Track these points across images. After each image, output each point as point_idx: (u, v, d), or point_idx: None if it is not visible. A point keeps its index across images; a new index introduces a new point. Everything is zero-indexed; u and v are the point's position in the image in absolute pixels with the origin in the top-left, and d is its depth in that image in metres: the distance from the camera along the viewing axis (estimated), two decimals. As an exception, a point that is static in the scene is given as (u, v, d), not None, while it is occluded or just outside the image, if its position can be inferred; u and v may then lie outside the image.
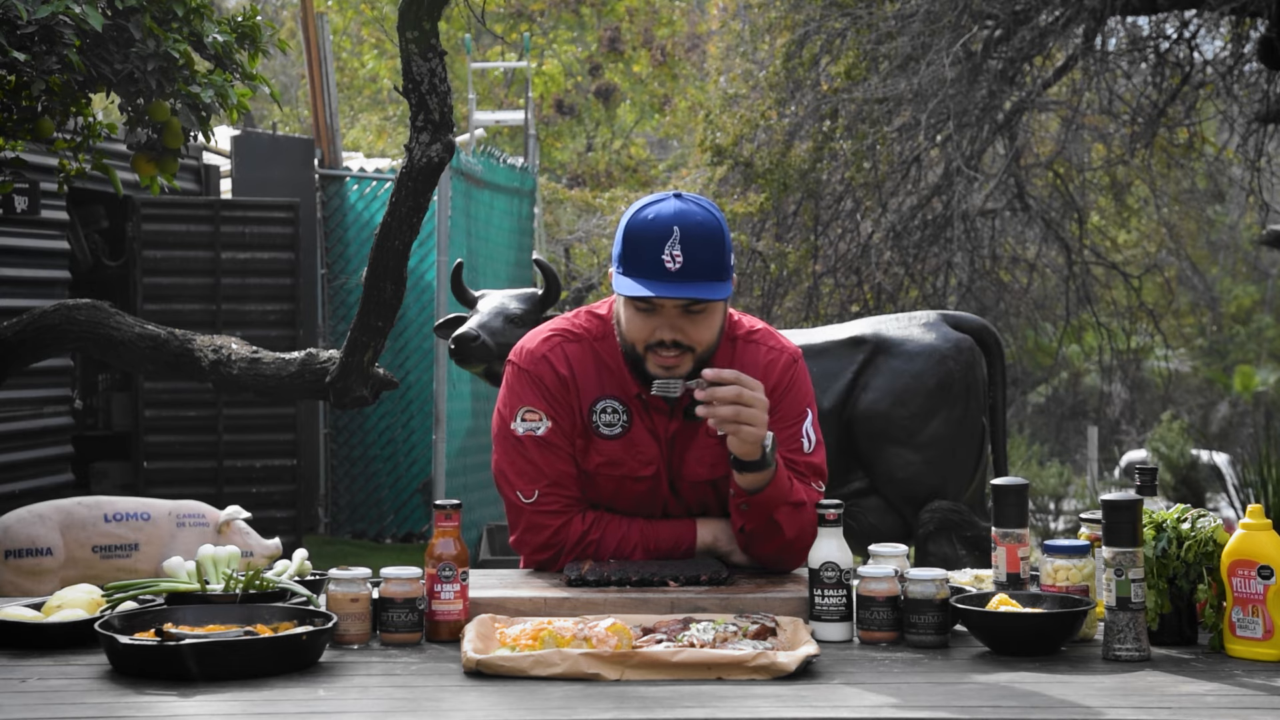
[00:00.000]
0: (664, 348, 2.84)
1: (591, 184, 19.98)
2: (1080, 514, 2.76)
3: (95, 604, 2.57)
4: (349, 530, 10.80)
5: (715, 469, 2.94)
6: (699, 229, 2.79)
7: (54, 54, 4.44)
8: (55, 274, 8.68)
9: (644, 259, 2.79)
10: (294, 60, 20.99)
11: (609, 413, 2.94)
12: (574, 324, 3.02)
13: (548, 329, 3.03)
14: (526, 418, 2.94)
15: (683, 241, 2.78)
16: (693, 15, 21.16)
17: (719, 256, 2.80)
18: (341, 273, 10.69)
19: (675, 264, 2.77)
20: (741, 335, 3.00)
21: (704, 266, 2.78)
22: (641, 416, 2.94)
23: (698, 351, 2.86)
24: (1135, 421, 19.24)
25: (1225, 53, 10.45)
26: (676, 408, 2.93)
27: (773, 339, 3.03)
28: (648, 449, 2.94)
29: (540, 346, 2.98)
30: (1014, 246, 11.96)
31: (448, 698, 2.18)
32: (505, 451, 2.97)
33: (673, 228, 2.78)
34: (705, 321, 2.85)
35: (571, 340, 2.98)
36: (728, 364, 2.95)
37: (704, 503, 2.98)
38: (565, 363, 2.95)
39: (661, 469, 2.94)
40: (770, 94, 11.37)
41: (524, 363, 2.98)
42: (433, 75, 4.39)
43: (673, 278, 2.77)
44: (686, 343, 2.84)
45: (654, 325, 2.84)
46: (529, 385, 2.95)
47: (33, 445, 8.63)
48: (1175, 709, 2.12)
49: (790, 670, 2.25)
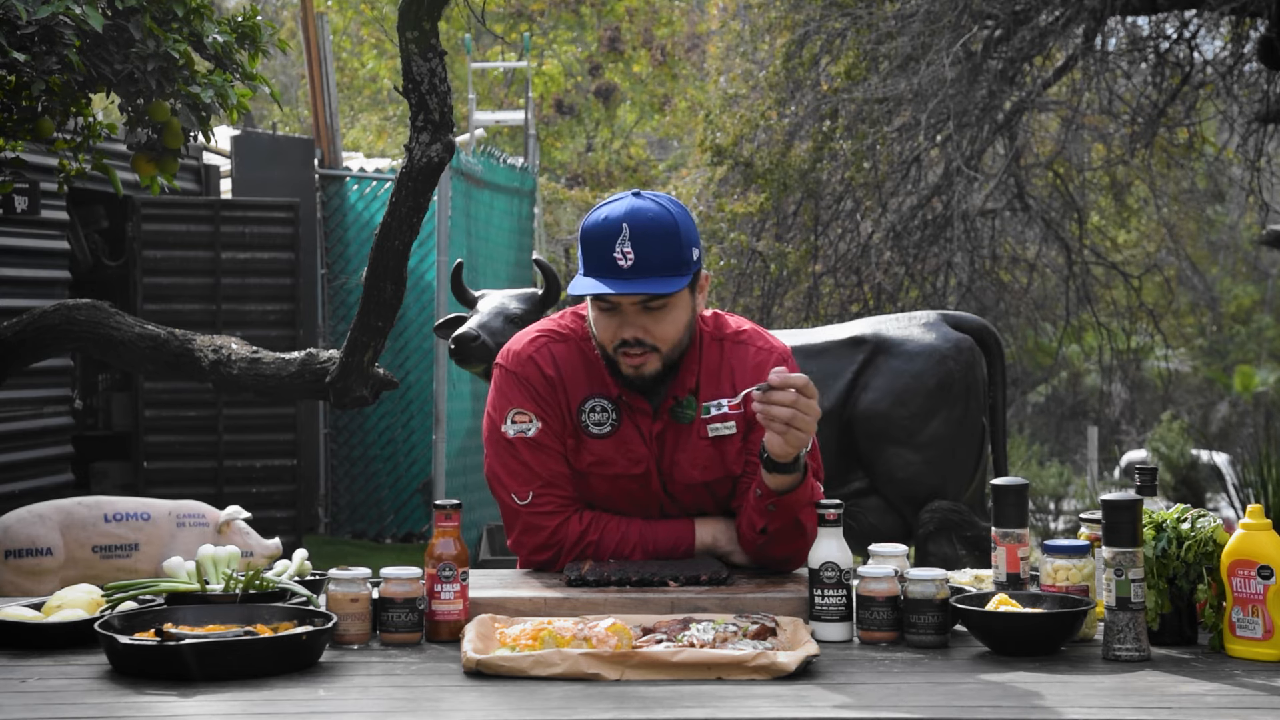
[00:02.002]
0: (628, 346, 2.85)
1: (591, 184, 19.99)
2: (1080, 514, 2.76)
3: (95, 604, 2.57)
4: (349, 530, 10.80)
5: (708, 471, 2.94)
6: (650, 225, 2.79)
7: (54, 54, 4.44)
8: (55, 274, 8.68)
9: (597, 258, 2.80)
10: (294, 60, 20.99)
11: (598, 411, 2.94)
12: (559, 324, 3.02)
13: (534, 330, 3.04)
14: (516, 419, 2.94)
15: (633, 238, 2.78)
16: (693, 15, 21.16)
17: (672, 251, 2.80)
18: (341, 273, 10.70)
19: (627, 261, 2.77)
20: (729, 335, 3.00)
21: (656, 262, 2.78)
22: (628, 416, 2.95)
23: (663, 350, 2.86)
24: (1135, 421, 19.24)
25: (1225, 53, 10.45)
26: (660, 409, 2.94)
27: (761, 339, 3.02)
28: (637, 448, 2.93)
29: (526, 348, 2.99)
30: (1014, 246, 11.96)
31: (448, 698, 2.18)
32: (497, 454, 2.96)
33: (622, 225, 2.78)
34: (667, 318, 2.84)
35: (558, 340, 2.98)
36: (715, 365, 2.96)
37: (700, 506, 2.98)
38: (552, 363, 2.95)
39: (652, 468, 2.94)
40: (770, 94, 11.38)
41: (511, 364, 2.98)
42: (433, 75, 4.39)
43: (625, 275, 2.78)
44: (649, 341, 2.84)
45: (616, 325, 2.85)
46: (517, 387, 2.95)
47: (33, 445, 8.63)
48: (1175, 709, 2.12)
49: (790, 670, 2.25)
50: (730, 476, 2.96)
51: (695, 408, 2.94)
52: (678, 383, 2.94)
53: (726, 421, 2.94)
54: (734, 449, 2.95)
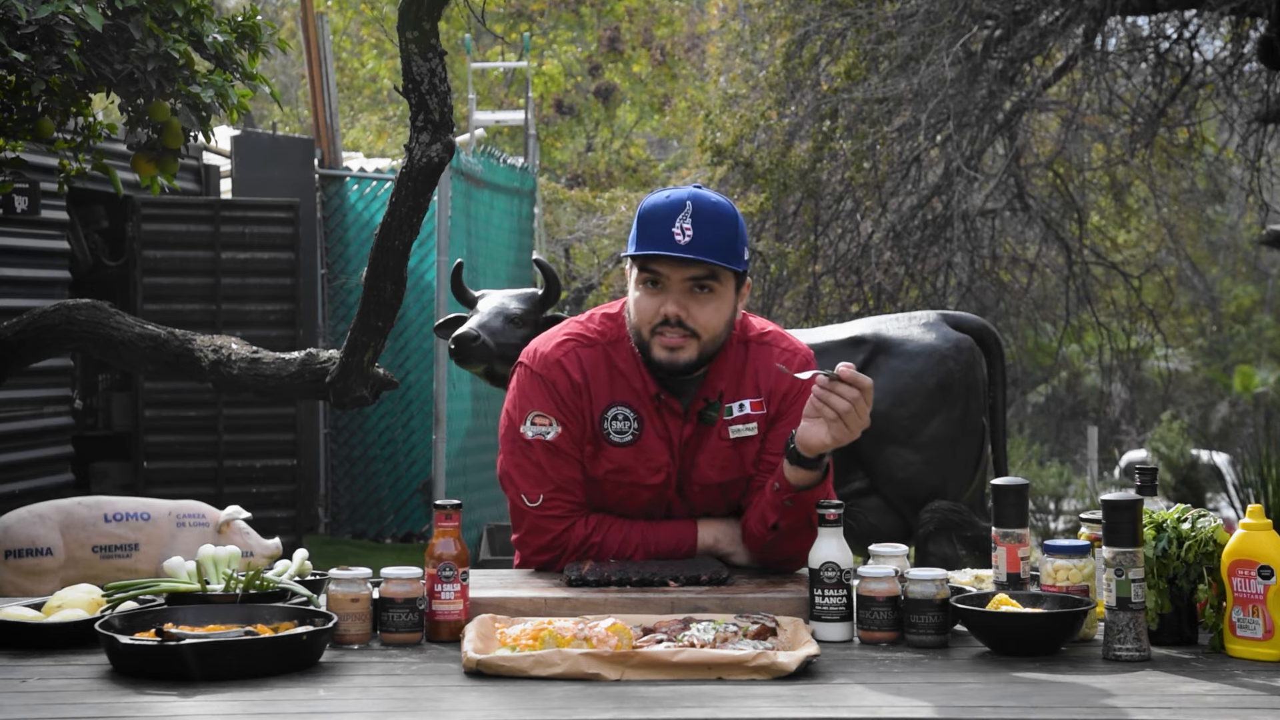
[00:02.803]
0: (668, 326, 2.83)
1: (591, 184, 19.99)
2: (1080, 514, 2.76)
3: (95, 604, 2.57)
4: (349, 530, 10.80)
5: (725, 472, 2.94)
6: (712, 209, 2.81)
7: (54, 54, 4.44)
8: (55, 274, 8.68)
9: (655, 232, 2.80)
10: (294, 60, 20.99)
11: (620, 420, 2.92)
12: (588, 328, 2.99)
13: (562, 333, 3.00)
14: (536, 421, 2.92)
15: (694, 216, 2.79)
16: (692, 15, 21.16)
17: (731, 237, 2.81)
18: (341, 273, 10.69)
19: (685, 237, 2.78)
20: (754, 337, 3.00)
21: (715, 242, 2.79)
22: (654, 422, 2.92)
23: (703, 338, 2.85)
24: (1135, 421, 19.24)
25: (1225, 53, 10.44)
26: (690, 412, 2.93)
27: (785, 340, 3.03)
28: (658, 455, 2.92)
29: (555, 351, 2.96)
30: (1014, 246, 11.96)
31: (448, 698, 2.18)
32: (512, 453, 2.95)
33: (686, 203, 2.79)
34: (712, 304, 2.84)
35: (586, 345, 2.96)
36: (740, 367, 2.96)
37: (711, 506, 2.97)
38: (579, 368, 2.93)
39: (672, 475, 2.93)
40: (770, 94, 11.37)
41: (537, 366, 2.96)
42: (433, 75, 4.39)
43: (682, 249, 2.78)
44: (691, 324, 2.83)
45: (660, 301, 2.83)
46: (541, 389, 2.93)
47: (33, 445, 8.62)
48: (1175, 709, 2.12)
49: (790, 670, 2.25)
50: (745, 478, 2.95)
51: (719, 410, 2.94)
52: (708, 384, 2.93)
53: (749, 423, 2.94)
54: (753, 451, 2.95)
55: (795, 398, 2.93)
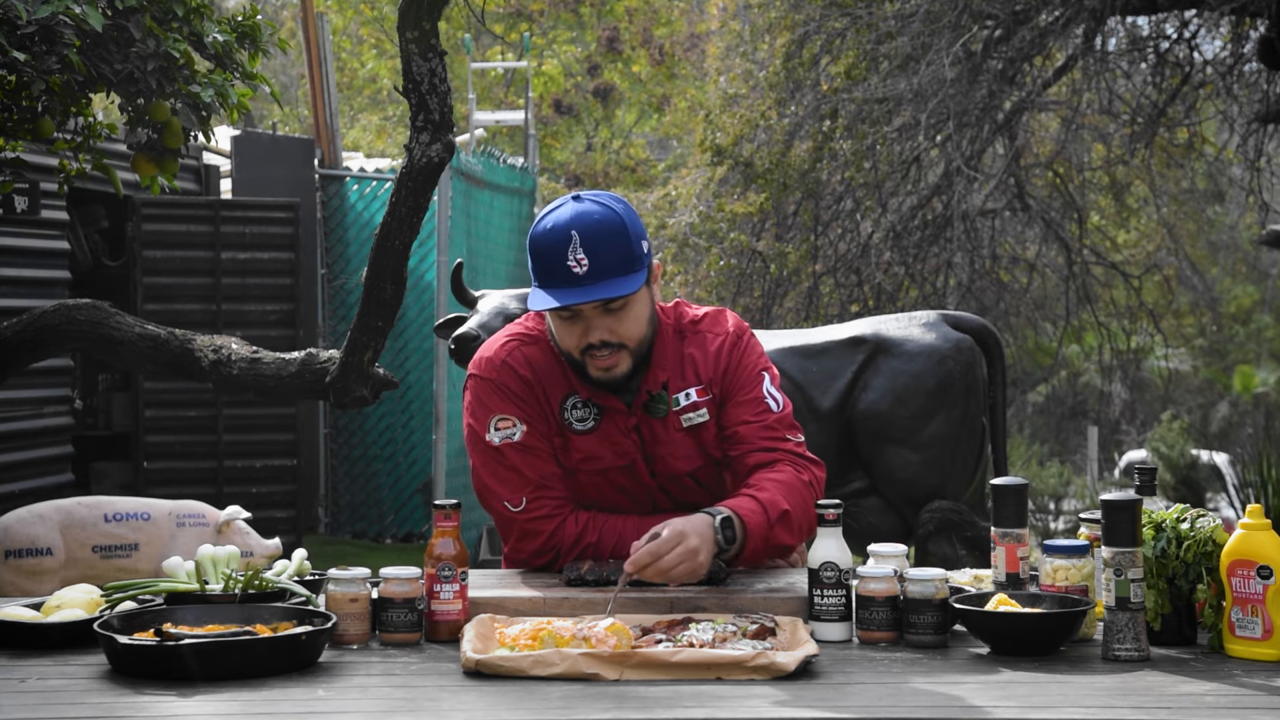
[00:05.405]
0: (596, 349, 2.85)
1: (591, 184, 19.99)
2: (1080, 514, 2.76)
3: (95, 604, 2.57)
4: (349, 530, 10.80)
5: (690, 461, 2.97)
6: (598, 227, 2.79)
7: (54, 54, 4.44)
8: (55, 274, 8.67)
9: (551, 268, 2.79)
10: (294, 60, 20.99)
11: (579, 407, 2.94)
12: (526, 327, 3.01)
13: (502, 335, 3.02)
14: (500, 426, 2.92)
15: (584, 244, 2.77)
16: (692, 15, 21.15)
17: (624, 251, 2.80)
18: (341, 273, 10.69)
19: (581, 268, 2.77)
20: (688, 325, 3.02)
21: (610, 264, 2.78)
22: (609, 409, 2.95)
23: (631, 347, 2.87)
24: (1135, 421, 19.24)
25: (1225, 53, 10.44)
26: (634, 405, 2.94)
27: (716, 325, 3.03)
28: (621, 440, 2.94)
29: (499, 353, 2.97)
30: (1014, 246, 11.95)
31: (447, 698, 2.18)
32: (485, 464, 2.94)
33: (570, 232, 2.78)
34: (629, 315, 2.85)
35: (528, 343, 2.98)
36: (676, 358, 2.97)
37: (690, 496, 2.98)
38: (526, 365, 2.94)
39: (638, 458, 2.95)
40: (770, 94, 11.37)
41: (485, 372, 2.96)
42: (433, 75, 4.39)
43: (581, 281, 2.77)
44: (616, 340, 2.85)
45: (580, 331, 2.85)
46: (495, 393, 2.93)
47: (33, 445, 8.62)
48: (1175, 709, 2.12)
49: (790, 670, 2.25)
50: (713, 461, 2.97)
51: (667, 401, 2.95)
52: (649, 377, 2.95)
53: (699, 409, 2.96)
54: (710, 434, 2.97)
55: (733, 374, 2.96)
